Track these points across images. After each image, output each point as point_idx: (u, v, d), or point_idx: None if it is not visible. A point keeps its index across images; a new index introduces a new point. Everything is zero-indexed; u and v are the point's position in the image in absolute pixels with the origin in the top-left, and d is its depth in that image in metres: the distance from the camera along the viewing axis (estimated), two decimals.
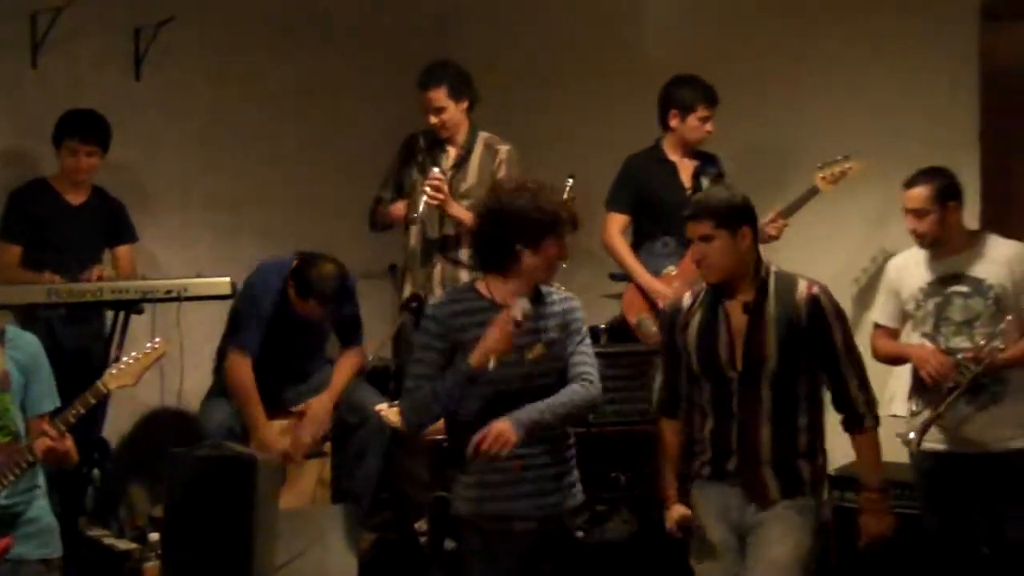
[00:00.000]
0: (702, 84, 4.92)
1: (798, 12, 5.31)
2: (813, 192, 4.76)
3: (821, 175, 4.73)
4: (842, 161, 4.74)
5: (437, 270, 4.89)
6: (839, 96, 5.18)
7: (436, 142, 4.96)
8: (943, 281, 3.99)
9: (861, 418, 3.38)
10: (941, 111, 4.94)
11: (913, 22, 5.03)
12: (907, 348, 4.04)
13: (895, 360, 4.12)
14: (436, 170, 4.78)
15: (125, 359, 3.51)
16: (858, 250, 5.11)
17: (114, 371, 3.47)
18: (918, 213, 3.99)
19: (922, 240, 4.02)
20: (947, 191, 3.98)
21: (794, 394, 3.32)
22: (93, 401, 3.40)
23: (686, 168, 5.00)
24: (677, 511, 3.46)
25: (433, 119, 4.88)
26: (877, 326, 4.17)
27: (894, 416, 4.11)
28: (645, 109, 5.04)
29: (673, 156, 5.01)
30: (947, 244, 4.00)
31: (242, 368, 4.65)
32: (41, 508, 3.52)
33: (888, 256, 4.92)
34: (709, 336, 3.37)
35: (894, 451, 4.06)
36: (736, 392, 3.33)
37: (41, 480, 3.53)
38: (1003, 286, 3.92)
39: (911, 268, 4.07)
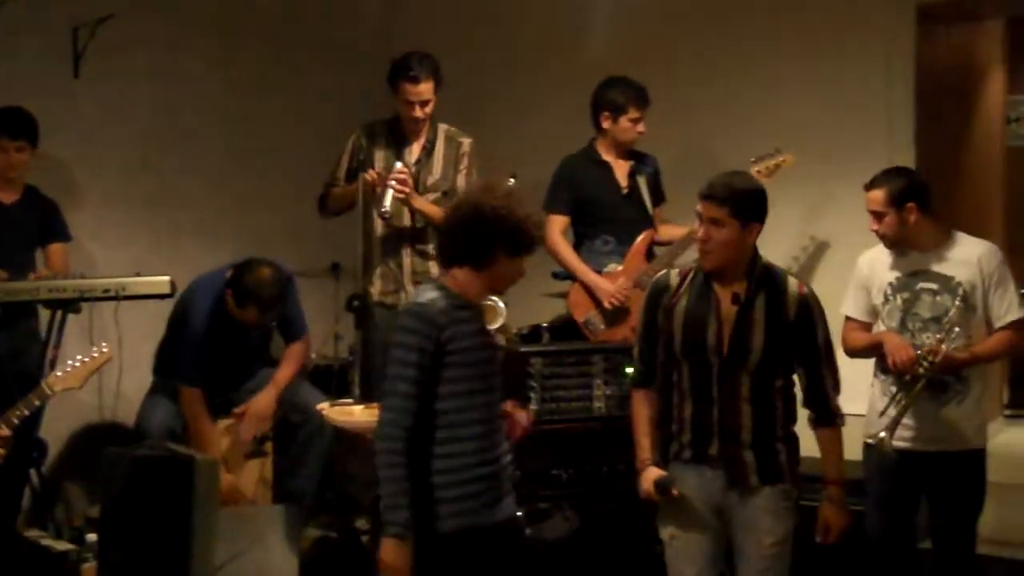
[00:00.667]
0: (634, 86, 4.95)
1: (738, 11, 5.38)
2: None
3: (756, 169, 4.78)
4: (775, 154, 4.82)
5: (407, 263, 4.88)
6: (772, 94, 5.28)
7: (397, 134, 4.93)
8: (912, 277, 4.00)
9: (833, 415, 3.46)
10: (876, 109, 5.04)
11: (850, 21, 5.12)
12: (880, 335, 4.05)
13: (868, 351, 4.09)
14: (399, 164, 4.77)
15: (71, 362, 3.49)
16: (793, 239, 5.23)
17: (59, 373, 3.46)
18: (876, 215, 4.00)
19: (884, 240, 4.04)
20: (905, 193, 3.95)
21: (771, 383, 3.40)
22: (37, 403, 3.40)
23: (621, 168, 5.05)
24: (653, 472, 3.45)
25: (418, 112, 4.82)
26: (849, 319, 4.16)
27: (852, 415, 4.15)
28: (585, 108, 5.06)
29: (607, 156, 5.05)
30: (913, 243, 4.00)
31: (192, 401, 4.65)
32: None
33: (820, 244, 5.01)
34: (697, 321, 3.39)
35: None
36: (716, 377, 3.38)
37: None
38: (972, 284, 3.93)
39: (880, 263, 4.07)
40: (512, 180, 4.69)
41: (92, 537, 4.28)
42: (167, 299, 4.74)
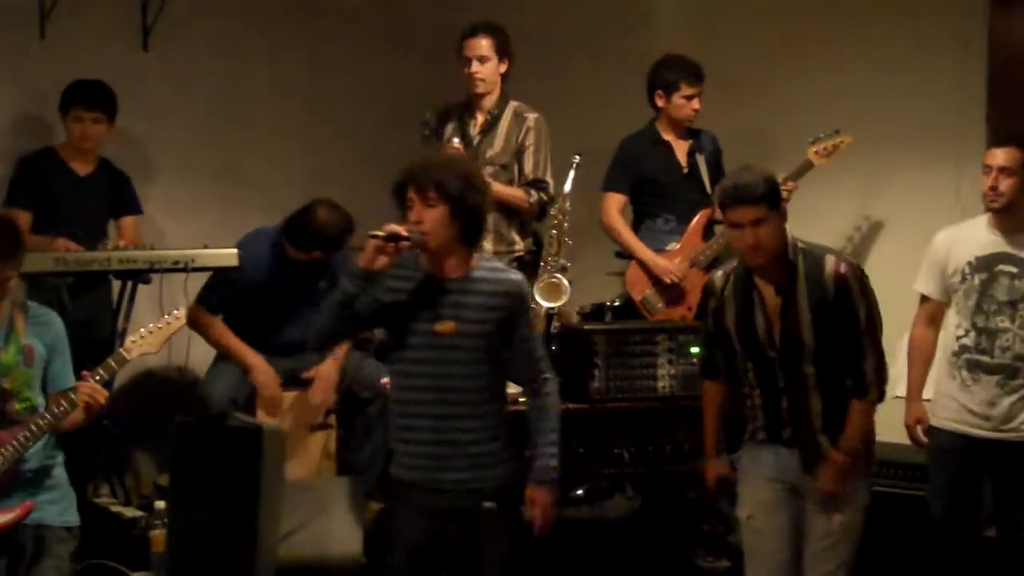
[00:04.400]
0: (686, 63, 4.95)
1: None
2: (807, 166, 4.85)
3: (814, 149, 4.81)
4: (834, 135, 4.81)
5: None
6: (834, 76, 5.25)
7: (466, 109, 4.96)
8: (992, 258, 3.97)
9: (867, 387, 3.41)
10: (945, 92, 4.99)
11: (921, 2, 5.07)
12: None
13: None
14: (456, 140, 4.80)
15: (147, 328, 3.53)
16: (845, 220, 5.22)
17: (136, 339, 3.50)
18: (1005, 171, 3.95)
19: (996, 201, 3.96)
20: None
21: (837, 364, 3.39)
22: (116, 368, 3.46)
23: (681, 147, 5.06)
24: (715, 464, 3.53)
25: (475, 67, 4.86)
26: (924, 298, 4.13)
27: (897, 398, 4.13)
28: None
29: (667, 136, 5.05)
30: (1012, 215, 3.97)
31: (211, 321, 4.70)
32: (60, 476, 3.59)
33: (873, 225, 4.95)
34: (747, 320, 3.41)
35: (901, 433, 4.11)
36: (780, 369, 3.39)
37: (60, 452, 3.57)
38: None
39: (961, 241, 4.04)
40: (576, 158, 4.73)
41: (160, 504, 4.36)
42: None
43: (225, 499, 3.99)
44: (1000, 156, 3.98)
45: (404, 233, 3.22)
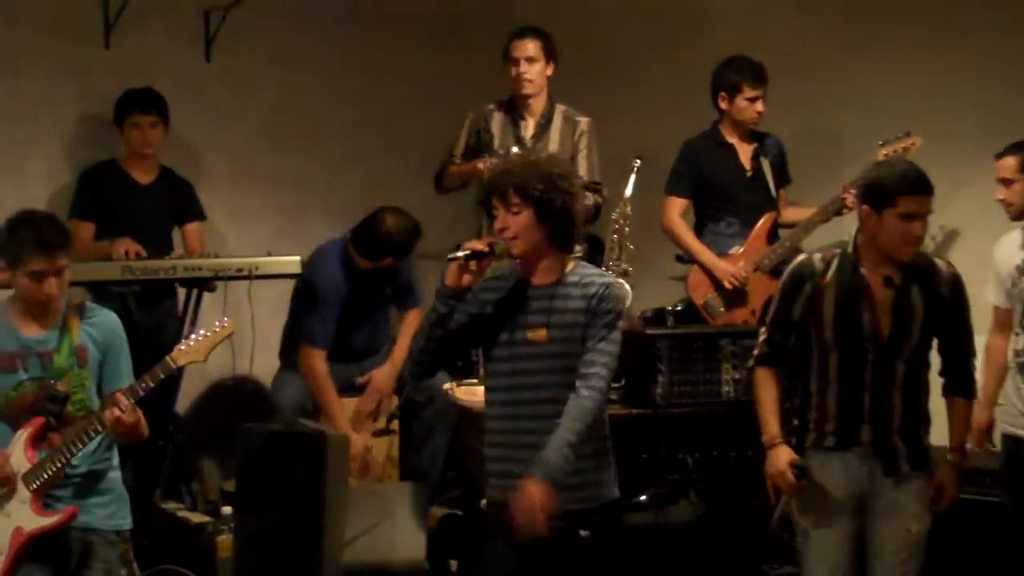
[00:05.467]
0: (749, 64, 4.91)
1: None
2: None
3: (884, 152, 4.72)
4: (904, 138, 4.73)
5: None
6: (900, 78, 5.17)
7: (513, 111, 4.97)
8: None
9: (972, 387, 3.47)
10: (1018, 96, 4.91)
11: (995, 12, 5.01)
12: None
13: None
14: (515, 149, 4.80)
15: (194, 336, 3.53)
16: None
17: (183, 347, 3.49)
18: (1005, 182, 4.04)
19: (1010, 210, 4.05)
20: None
21: (921, 368, 3.40)
22: (163, 375, 3.43)
23: (744, 150, 5.01)
24: (785, 452, 3.38)
25: (524, 67, 4.87)
26: (996, 308, 4.12)
27: None
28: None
29: (731, 138, 5.00)
30: None
31: (315, 363, 4.72)
32: (113, 480, 3.58)
33: (950, 233, 4.95)
34: (850, 308, 3.35)
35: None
36: (871, 363, 3.35)
37: (114, 453, 3.58)
38: None
39: (1010, 247, 4.04)
40: (638, 162, 4.72)
41: (227, 510, 4.40)
42: (296, 278, 4.84)
43: (291, 505, 4.03)
44: (1000, 168, 4.07)
45: (483, 248, 3.16)
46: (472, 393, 4.42)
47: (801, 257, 3.53)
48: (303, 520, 4.03)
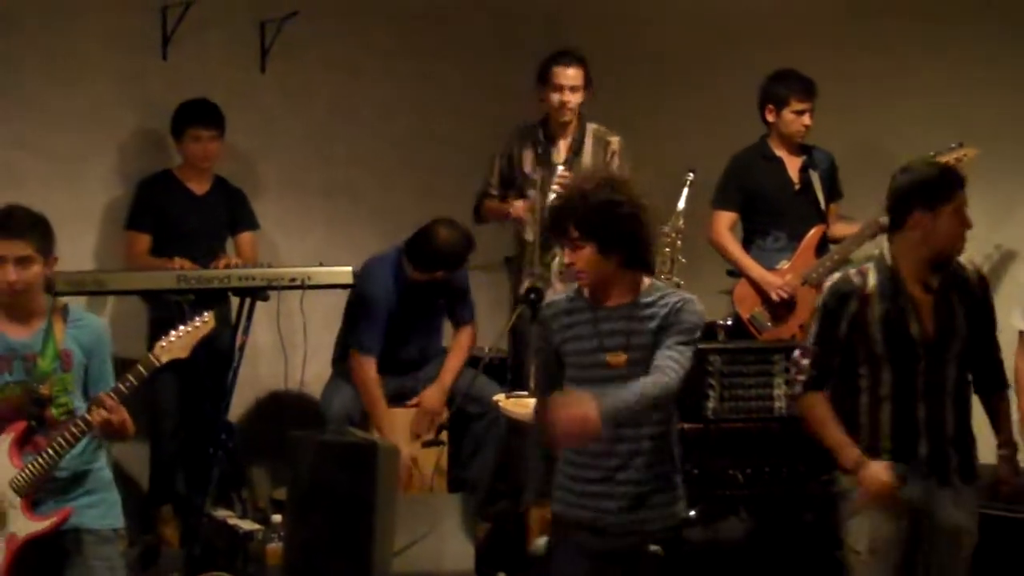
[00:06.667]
0: (797, 77, 4.87)
1: (915, 7, 5.23)
2: None
3: None
4: (957, 148, 4.60)
5: (556, 261, 4.92)
6: (950, 92, 5.10)
7: (546, 134, 4.97)
8: None
9: (1003, 376, 3.51)
10: None
11: None
12: None
13: None
14: (560, 168, 4.81)
15: (175, 332, 3.50)
16: (976, 246, 5.01)
17: (165, 344, 3.46)
18: None
19: None
20: None
21: (966, 373, 3.41)
22: (146, 373, 3.40)
23: (793, 163, 4.97)
24: (879, 463, 3.30)
25: (567, 97, 4.86)
26: (1022, 334, 4.02)
27: None
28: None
29: (779, 152, 4.97)
30: None
31: (365, 370, 4.76)
32: (102, 479, 3.54)
33: (1007, 253, 4.83)
34: (897, 316, 3.34)
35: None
36: (923, 372, 3.33)
37: (102, 453, 3.54)
38: None
39: None
40: (691, 175, 4.71)
41: (277, 518, 4.43)
42: (348, 288, 4.87)
43: (340, 514, 4.05)
44: None
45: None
46: (522, 405, 4.42)
47: (837, 275, 3.47)
48: (353, 529, 4.04)
